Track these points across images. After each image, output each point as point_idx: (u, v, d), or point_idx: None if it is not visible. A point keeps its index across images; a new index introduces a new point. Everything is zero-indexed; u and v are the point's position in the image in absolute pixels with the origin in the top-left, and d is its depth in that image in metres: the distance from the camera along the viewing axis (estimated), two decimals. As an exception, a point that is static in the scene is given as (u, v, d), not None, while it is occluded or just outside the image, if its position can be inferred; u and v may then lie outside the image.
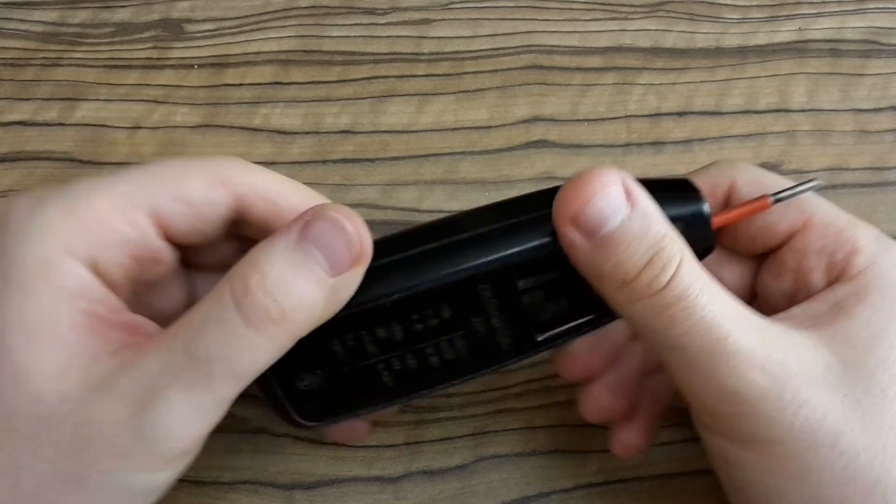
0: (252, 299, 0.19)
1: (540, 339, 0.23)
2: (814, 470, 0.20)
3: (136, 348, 0.20)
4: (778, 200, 0.23)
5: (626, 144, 0.35)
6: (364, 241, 0.21)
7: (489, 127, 0.35)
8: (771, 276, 0.25)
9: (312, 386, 0.23)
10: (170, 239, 0.23)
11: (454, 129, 0.35)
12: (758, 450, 0.21)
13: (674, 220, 0.21)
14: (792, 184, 0.23)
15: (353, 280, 0.21)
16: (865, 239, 0.23)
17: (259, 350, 0.20)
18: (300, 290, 0.20)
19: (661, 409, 0.26)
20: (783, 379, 0.20)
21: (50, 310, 0.20)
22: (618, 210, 0.20)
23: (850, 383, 0.20)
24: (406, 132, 0.35)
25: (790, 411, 0.20)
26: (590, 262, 0.21)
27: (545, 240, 0.22)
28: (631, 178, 0.21)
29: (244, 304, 0.19)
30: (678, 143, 0.35)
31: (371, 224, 0.24)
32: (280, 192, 0.23)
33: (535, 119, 0.35)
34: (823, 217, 0.23)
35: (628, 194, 0.21)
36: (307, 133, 0.35)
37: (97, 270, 0.21)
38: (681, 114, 0.36)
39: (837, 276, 0.23)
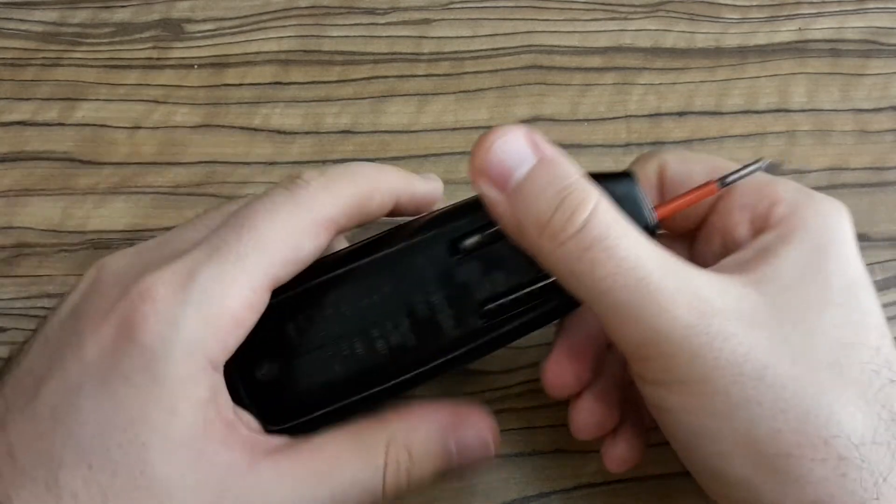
0: (398, 482, 0.22)
1: (482, 317, 0.23)
2: (742, 405, 0.20)
3: (274, 471, 0.21)
4: (725, 185, 0.23)
5: (627, 144, 0.35)
6: (495, 449, 0.24)
7: (489, 127, 0.35)
8: (703, 244, 0.25)
9: (270, 376, 0.23)
10: None
11: (454, 129, 0.35)
12: (686, 391, 0.21)
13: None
14: (738, 166, 0.24)
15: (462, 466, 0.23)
16: (785, 190, 0.23)
17: None
18: (429, 476, 0.23)
19: (648, 420, 0.26)
20: (708, 315, 0.20)
21: (190, 425, 0.20)
22: (523, 159, 0.21)
23: (777, 321, 0.21)
24: (406, 132, 0.35)
25: (715, 346, 0.20)
26: (508, 215, 0.21)
27: (475, 215, 0.23)
28: (539, 133, 0.22)
29: (391, 484, 0.22)
30: (678, 143, 0.35)
31: (371, 224, 0.24)
32: (367, 202, 0.24)
33: (535, 119, 0.35)
34: (747, 180, 0.24)
35: (534, 145, 0.21)
36: (307, 133, 0.35)
37: (223, 363, 0.21)
38: (681, 114, 0.36)
39: (761, 227, 0.23)
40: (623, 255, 0.20)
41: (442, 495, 0.28)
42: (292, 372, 0.23)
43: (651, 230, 0.23)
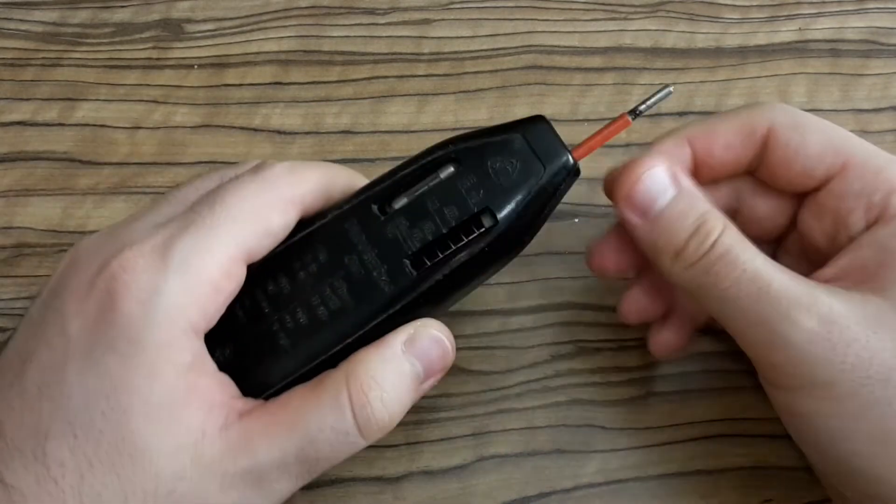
0: (371, 412, 0.22)
1: (414, 267, 0.23)
2: (871, 406, 0.21)
3: (244, 432, 0.21)
4: (636, 115, 0.25)
5: (627, 145, 0.35)
6: (453, 354, 0.24)
7: (489, 127, 0.35)
8: (812, 217, 0.25)
9: (224, 360, 0.23)
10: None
11: (454, 129, 0.35)
12: (816, 395, 0.22)
13: (514, 144, 0.24)
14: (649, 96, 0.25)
15: (432, 384, 0.24)
16: None
17: (359, 449, 0.22)
18: (404, 400, 0.23)
19: (699, 317, 0.27)
20: (830, 320, 0.21)
21: (171, 390, 0.21)
22: (664, 190, 0.24)
23: None
24: (406, 132, 0.35)
25: (839, 350, 0.21)
26: (647, 238, 0.24)
27: (400, 177, 0.24)
28: (678, 166, 0.24)
29: (362, 416, 0.22)
30: (678, 143, 0.35)
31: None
32: (329, 187, 0.25)
33: (535, 119, 0.35)
34: (861, 159, 0.24)
35: (674, 178, 0.24)
36: (307, 133, 0.35)
37: (206, 330, 0.22)
38: (681, 114, 0.36)
39: (877, 217, 0.23)
40: (744, 267, 0.22)
41: (442, 495, 0.28)
42: (244, 352, 0.24)
43: (571, 169, 0.24)
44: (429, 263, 0.23)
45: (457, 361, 0.30)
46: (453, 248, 0.23)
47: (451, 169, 0.24)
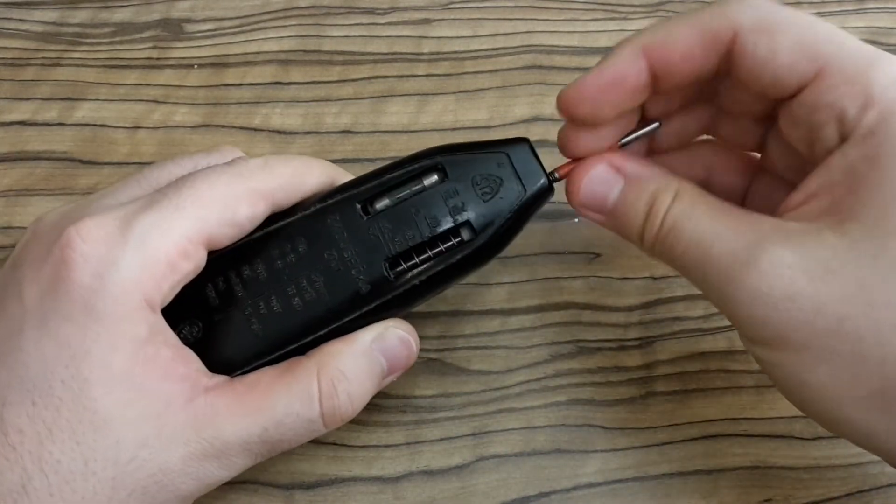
0: (337, 403, 0.23)
1: (390, 270, 0.24)
2: (826, 358, 0.20)
3: (210, 406, 0.22)
4: (624, 145, 0.25)
5: (626, 144, 0.35)
6: (416, 353, 0.25)
7: (489, 127, 0.35)
8: (788, 126, 0.23)
9: (191, 337, 0.24)
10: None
11: (454, 129, 0.35)
12: (773, 348, 0.21)
13: (490, 169, 0.25)
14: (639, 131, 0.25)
15: (392, 380, 0.25)
16: (880, 86, 0.20)
17: (318, 435, 0.23)
18: (368, 393, 0.24)
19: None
20: (772, 274, 0.20)
21: (130, 361, 0.21)
22: (611, 184, 0.24)
23: (853, 264, 0.20)
24: (406, 132, 0.35)
25: (782, 307, 0.20)
26: (613, 229, 0.24)
27: (384, 178, 0.25)
28: (619, 156, 0.24)
29: (328, 407, 0.23)
30: (678, 143, 0.35)
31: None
32: (302, 182, 0.25)
33: (535, 119, 0.35)
34: (837, 65, 0.21)
35: (616, 170, 0.24)
36: (307, 133, 0.35)
37: (161, 306, 0.23)
38: (681, 114, 0.36)
39: (849, 131, 0.21)
40: (689, 235, 0.22)
41: (441, 495, 0.28)
42: (213, 332, 0.24)
43: (546, 192, 0.25)
44: (406, 267, 0.24)
45: (457, 361, 0.30)
46: (431, 255, 0.24)
47: (436, 178, 0.25)
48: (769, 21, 0.21)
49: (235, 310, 0.24)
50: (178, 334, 0.23)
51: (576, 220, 0.33)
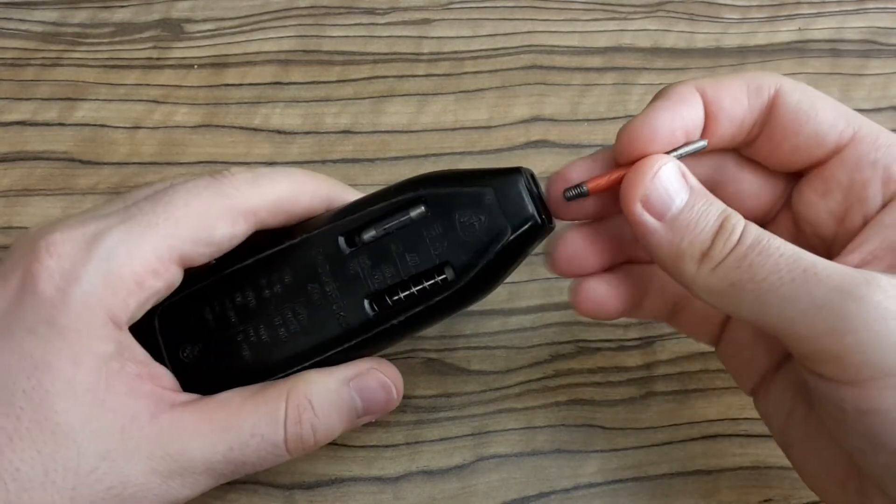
0: (300, 433, 0.23)
1: (370, 306, 0.23)
2: None
3: (175, 422, 0.22)
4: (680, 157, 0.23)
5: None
6: (398, 400, 0.25)
7: (489, 127, 0.35)
8: (816, 195, 0.23)
9: (191, 358, 0.24)
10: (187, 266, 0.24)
11: (454, 129, 0.35)
12: (887, 385, 0.18)
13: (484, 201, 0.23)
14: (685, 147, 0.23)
15: (370, 420, 0.25)
16: None
17: (282, 462, 0.23)
18: (335, 428, 0.24)
19: (663, 301, 0.25)
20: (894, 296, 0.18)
21: (93, 376, 0.21)
22: (679, 190, 0.21)
23: None
24: (406, 132, 0.35)
25: None
26: (666, 242, 0.21)
27: (371, 209, 0.24)
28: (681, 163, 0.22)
29: (292, 434, 0.23)
30: (678, 143, 0.35)
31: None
32: (292, 201, 0.24)
33: (535, 119, 0.35)
34: (871, 129, 0.22)
35: (685, 176, 0.22)
36: (307, 133, 0.35)
37: (129, 323, 0.22)
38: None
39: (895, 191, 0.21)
40: (780, 251, 0.20)
41: (441, 495, 0.28)
42: (210, 355, 0.24)
43: (540, 229, 0.23)
44: (387, 305, 0.23)
45: (457, 361, 0.30)
46: (413, 294, 0.23)
47: (422, 210, 0.23)
48: (806, 88, 0.23)
49: (229, 335, 0.24)
50: (181, 354, 0.24)
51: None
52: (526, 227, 0.23)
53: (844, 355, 0.19)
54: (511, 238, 0.22)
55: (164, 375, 0.23)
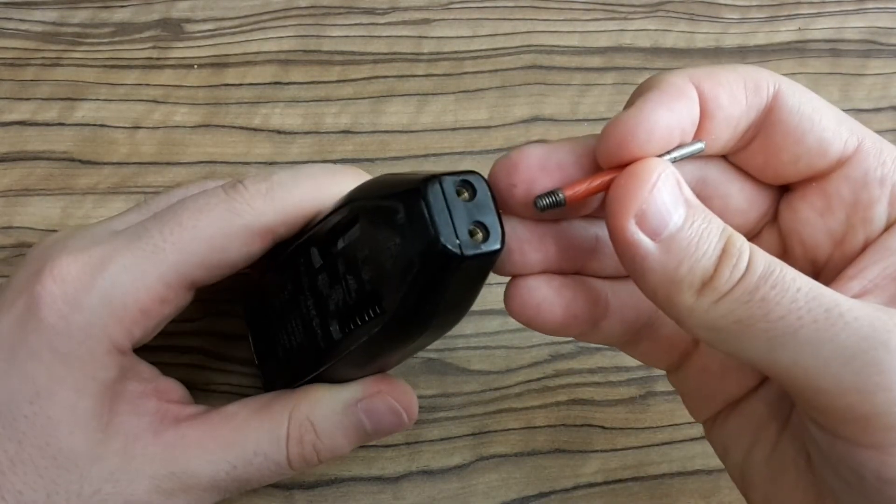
0: (302, 453, 0.22)
1: (337, 328, 0.21)
2: None
3: (180, 438, 0.22)
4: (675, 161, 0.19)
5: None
6: (410, 423, 0.24)
7: (489, 127, 0.35)
8: (815, 212, 0.20)
9: (275, 358, 0.24)
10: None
11: (454, 129, 0.35)
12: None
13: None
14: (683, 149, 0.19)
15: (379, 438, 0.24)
16: None
17: (285, 477, 0.23)
18: (341, 448, 0.23)
19: (623, 326, 0.21)
20: None
21: (97, 402, 0.21)
22: (675, 203, 0.17)
23: None
24: (406, 132, 0.35)
25: None
26: (661, 267, 0.17)
27: (338, 216, 0.21)
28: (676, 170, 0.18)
29: (294, 452, 0.22)
30: (678, 143, 0.35)
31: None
32: (312, 209, 0.22)
33: (535, 119, 0.35)
34: (876, 141, 0.19)
35: (681, 187, 0.18)
36: (307, 133, 0.35)
37: (135, 346, 0.22)
38: (681, 114, 0.36)
39: None
40: (797, 286, 0.16)
41: (441, 495, 0.28)
42: (271, 355, 0.25)
43: (457, 259, 0.17)
44: (350, 329, 0.21)
45: (457, 361, 0.30)
46: (356, 323, 0.20)
47: (357, 226, 0.20)
48: (808, 91, 0.20)
49: (273, 334, 0.24)
50: (272, 354, 0.24)
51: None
52: (434, 255, 0.17)
53: (872, 416, 0.16)
54: (416, 269, 0.18)
55: (173, 389, 0.23)
